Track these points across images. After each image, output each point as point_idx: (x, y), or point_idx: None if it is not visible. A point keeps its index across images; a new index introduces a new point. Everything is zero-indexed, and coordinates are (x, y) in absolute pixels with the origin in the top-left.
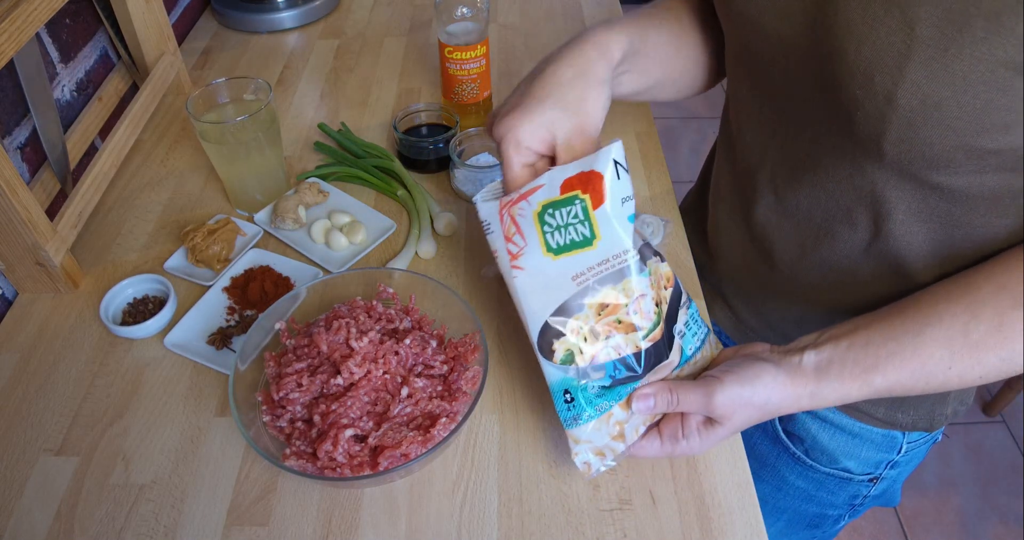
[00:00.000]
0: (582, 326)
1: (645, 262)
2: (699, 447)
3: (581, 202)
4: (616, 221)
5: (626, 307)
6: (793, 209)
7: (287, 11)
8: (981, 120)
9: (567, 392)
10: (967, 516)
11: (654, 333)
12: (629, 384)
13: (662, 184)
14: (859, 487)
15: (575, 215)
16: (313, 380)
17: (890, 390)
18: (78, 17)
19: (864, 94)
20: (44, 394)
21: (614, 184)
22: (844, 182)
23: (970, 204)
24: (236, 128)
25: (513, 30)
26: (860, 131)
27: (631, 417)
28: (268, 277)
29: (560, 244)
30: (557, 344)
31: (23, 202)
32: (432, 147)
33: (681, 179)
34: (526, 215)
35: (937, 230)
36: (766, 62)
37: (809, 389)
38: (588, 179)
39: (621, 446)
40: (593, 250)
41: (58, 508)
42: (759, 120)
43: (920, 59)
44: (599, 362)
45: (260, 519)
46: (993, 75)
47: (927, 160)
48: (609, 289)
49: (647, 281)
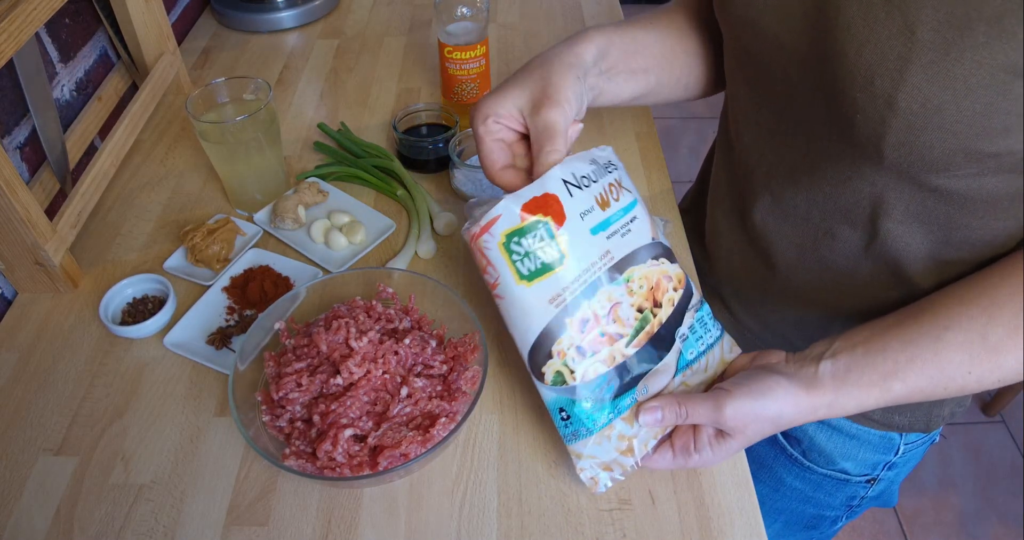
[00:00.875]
0: (567, 346)
1: (622, 270)
2: (712, 460)
3: (545, 224)
4: (580, 237)
5: (605, 318)
6: (791, 211)
7: (287, 11)
8: (982, 124)
9: (562, 410)
10: (966, 516)
11: (638, 338)
12: (625, 395)
13: (661, 184)
14: (856, 488)
15: (540, 238)
16: (313, 380)
17: (908, 396)
18: (77, 17)
19: (864, 97)
20: (43, 394)
21: (569, 202)
22: (842, 184)
23: (968, 206)
24: (236, 128)
25: (513, 30)
26: (860, 134)
27: (639, 431)
28: (268, 277)
29: (531, 270)
30: (546, 367)
31: (22, 202)
32: (432, 147)
33: (681, 179)
34: (492, 247)
35: (935, 232)
36: (765, 64)
37: (827, 399)
38: (546, 202)
39: (630, 460)
40: (564, 269)
41: (57, 508)
42: (757, 122)
43: (921, 63)
44: (589, 378)
45: (260, 519)
46: (994, 79)
47: (927, 163)
48: (585, 304)
49: (622, 288)
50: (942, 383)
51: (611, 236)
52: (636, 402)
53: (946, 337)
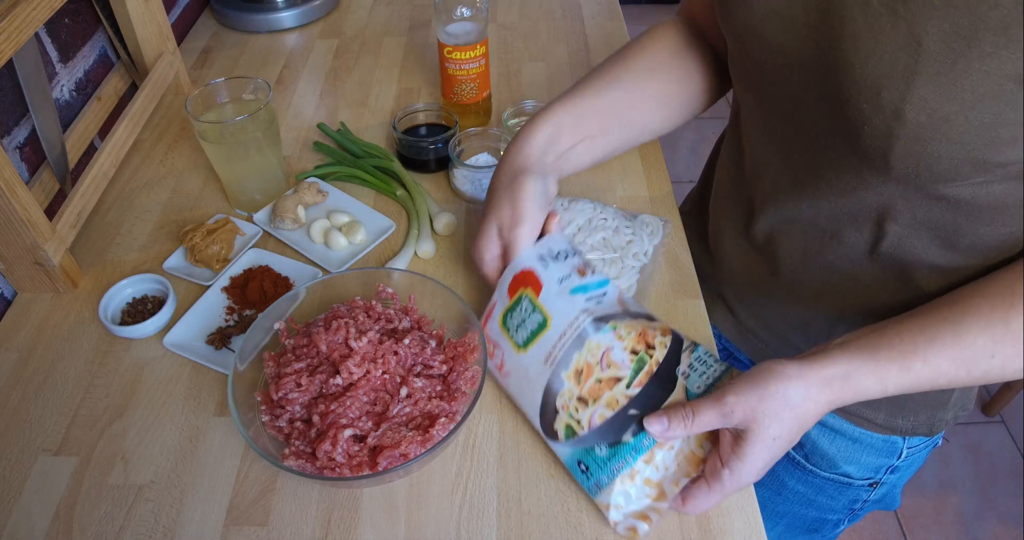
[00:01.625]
0: (569, 399)
1: (607, 321)
2: (743, 469)
3: (527, 296)
4: (559, 298)
5: (598, 365)
6: (796, 218)
7: (286, 11)
8: (989, 134)
9: (580, 463)
10: (966, 516)
11: (638, 379)
12: (640, 435)
13: (661, 184)
14: (859, 492)
15: (526, 309)
16: (312, 380)
17: (932, 379)
18: (77, 17)
19: (871, 109)
20: (43, 394)
21: (545, 272)
22: (849, 193)
23: (975, 213)
24: (235, 128)
25: (512, 30)
26: (867, 145)
27: (664, 473)
28: (267, 277)
29: (525, 338)
30: (557, 424)
31: (22, 202)
32: (431, 147)
33: (680, 179)
34: (494, 329)
35: (941, 238)
36: (770, 73)
37: (840, 370)
38: (525, 278)
39: (664, 505)
40: (551, 330)
41: (57, 508)
42: (764, 130)
43: (928, 74)
44: (596, 425)
45: (259, 519)
46: (1002, 89)
47: (934, 174)
48: (576, 355)
49: (610, 335)
50: (965, 366)
51: (590, 299)
52: (655, 443)
53: (966, 322)
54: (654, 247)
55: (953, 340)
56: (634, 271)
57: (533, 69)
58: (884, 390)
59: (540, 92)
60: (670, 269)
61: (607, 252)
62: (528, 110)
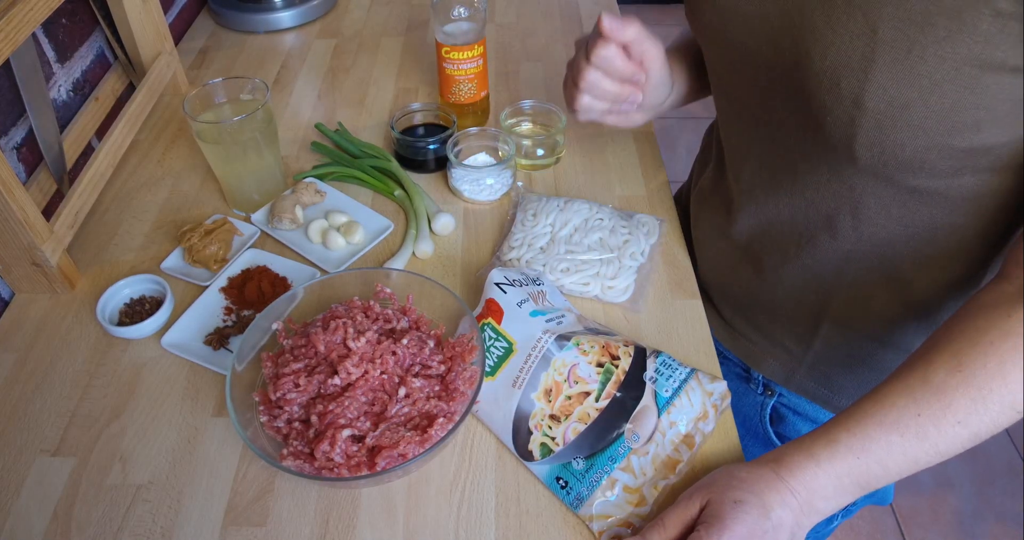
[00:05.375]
0: (541, 419)
1: (569, 338)
2: (720, 532)
3: (489, 325)
4: (521, 321)
5: (565, 382)
6: (775, 215)
7: (284, 11)
8: (950, 119)
9: (559, 479)
10: (964, 515)
11: (607, 390)
12: (615, 444)
13: (659, 184)
14: None
15: (491, 337)
16: (310, 380)
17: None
18: (75, 17)
19: (832, 99)
20: (41, 395)
21: (504, 298)
22: (823, 188)
23: (950, 206)
24: (233, 128)
25: (510, 30)
26: (832, 136)
27: (643, 478)
28: (265, 277)
29: (492, 364)
30: (531, 445)
31: (19, 202)
32: (429, 147)
33: (678, 179)
34: None
35: (919, 233)
36: (737, 72)
37: (784, 457)
38: (488, 308)
39: (646, 509)
40: (516, 354)
41: (55, 509)
42: (738, 129)
43: (884, 61)
44: (571, 439)
45: (257, 519)
46: (959, 73)
47: (900, 162)
48: (543, 375)
49: (574, 351)
50: (897, 430)
51: (550, 320)
52: (631, 450)
53: (882, 390)
54: (651, 246)
55: (873, 403)
56: (631, 271)
57: (531, 69)
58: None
59: (538, 92)
60: (667, 268)
61: (604, 252)
62: (526, 110)
